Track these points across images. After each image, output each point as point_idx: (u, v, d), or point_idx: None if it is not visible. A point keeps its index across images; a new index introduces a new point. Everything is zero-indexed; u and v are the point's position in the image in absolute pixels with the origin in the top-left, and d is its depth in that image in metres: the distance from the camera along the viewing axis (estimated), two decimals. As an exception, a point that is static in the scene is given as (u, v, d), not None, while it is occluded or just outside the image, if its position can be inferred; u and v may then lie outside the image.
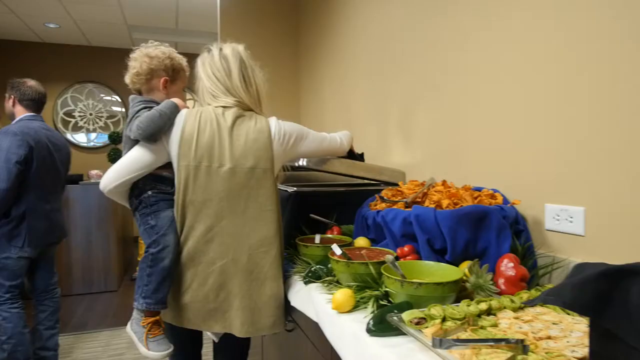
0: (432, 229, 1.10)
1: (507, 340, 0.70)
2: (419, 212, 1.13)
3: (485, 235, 1.09)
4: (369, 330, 0.90)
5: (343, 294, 1.04)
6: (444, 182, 1.33)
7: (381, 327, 0.90)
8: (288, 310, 1.48)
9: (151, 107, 1.31)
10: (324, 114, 3.17)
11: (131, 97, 1.41)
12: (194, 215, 1.28)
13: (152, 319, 1.28)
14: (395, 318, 0.88)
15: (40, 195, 2.34)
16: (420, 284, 0.93)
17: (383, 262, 1.10)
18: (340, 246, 1.20)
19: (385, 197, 1.38)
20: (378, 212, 1.29)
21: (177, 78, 1.44)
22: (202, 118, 1.30)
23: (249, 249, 1.30)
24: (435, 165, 1.72)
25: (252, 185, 1.29)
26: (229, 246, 1.29)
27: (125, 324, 3.25)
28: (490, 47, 1.38)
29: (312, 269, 1.28)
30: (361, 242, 1.37)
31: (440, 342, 0.72)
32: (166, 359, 1.32)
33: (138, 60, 1.38)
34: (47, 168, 2.37)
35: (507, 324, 0.84)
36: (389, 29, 2.10)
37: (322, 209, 1.63)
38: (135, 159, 1.30)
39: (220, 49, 1.38)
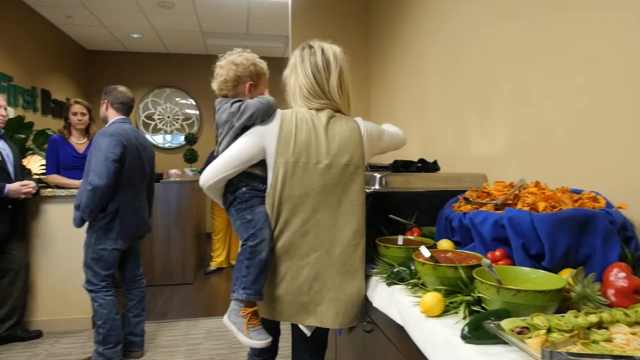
0: (528, 233, 1.04)
1: (632, 359, 0.64)
2: (512, 215, 1.07)
3: (589, 242, 1.01)
4: (463, 337, 0.86)
5: (432, 298, 1.01)
6: (537, 184, 1.25)
7: (477, 334, 0.86)
8: (366, 310, 1.48)
9: (242, 101, 1.38)
10: (395, 112, 3.13)
11: (219, 100, 1.47)
12: (291, 209, 1.33)
13: (251, 309, 1.33)
14: (492, 325, 0.84)
15: (131, 192, 2.52)
16: (518, 291, 0.88)
17: (473, 266, 1.06)
18: (423, 248, 1.17)
19: (470, 199, 1.33)
20: (465, 214, 1.24)
21: (260, 82, 1.50)
22: (298, 117, 1.36)
23: (341, 242, 1.34)
24: (521, 164, 1.63)
25: (345, 180, 1.34)
26: (323, 239, 1.33)
27: (201, 316, 3.43)
28: (591, 32, 1.27)
29: (395, 270, 1.26)
30: (445, 244, 1.32)
31: (551, 354, 0.68)
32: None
33: (225, 68, 1.44)
34: (137, 167, 2.55)
35: (624, 339, 0.77)
36: (466, 26, 2.02)
37: (400, 209, 1.60)
38: (233, 157, 1.35)
39: (322, 50, 1.41)
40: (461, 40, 2.09)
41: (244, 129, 1.37)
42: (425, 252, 1.12)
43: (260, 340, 1.30)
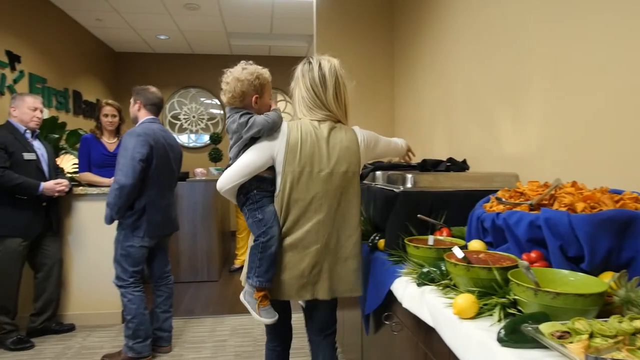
0: (566, 235, 1.01)
1: (684, 366, 0.61)
2: (549, 216, 1.04)
3: (632, 244, 0.97)
4: (500, 340, 0.84)
5: (466, 299, 0.99)
6: (574, 183, 1.21)
7: (514, 337, 0.84)
8: (394, 311, 1.47)
9: (252, 114, 1.53)
10: (421, 110, 3.09)
11: (229, 109, 1.61)
12: (297, 210, 1.53)
13: (262, 293, 1.54)
14: (531, 329, 0.81)
15: (158, 190, 2.56)
16: (558, 294, 0.86)
17: (507, 268, 1.04)
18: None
19: (503, 199, 1.30)
20: (498, 214, 1.21)
21: (264, 92, 1.61)
22: (303, 130, 1.53)
23: (338, 235, 1.56)
24: (555, 163, 1.58)
25: (344, 185, 1.55)
26: (323, 234, 1.54)
27: (226, 313, 3.48)
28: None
29: (425, 270, 1.25)
30: (476, 245, 1.30)
31: (596, 360, 0.65)
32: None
33: (231, 84, 1.56)
34: (164, 166, 2.58)
35: (673, 346, 0.74)
36: (496, 21, 1.98)
37: (428, 209, 1.58)
38: (246, 165, 1.52)
39: (319, 64, 1.57)
40: (491, 36, 2.05)
41: (252, 139, 1.54)
42: (458, 252, 1.10)
43: (269, 318, 1.53)
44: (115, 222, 2.51)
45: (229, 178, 1.54)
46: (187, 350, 2.78)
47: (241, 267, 4.82)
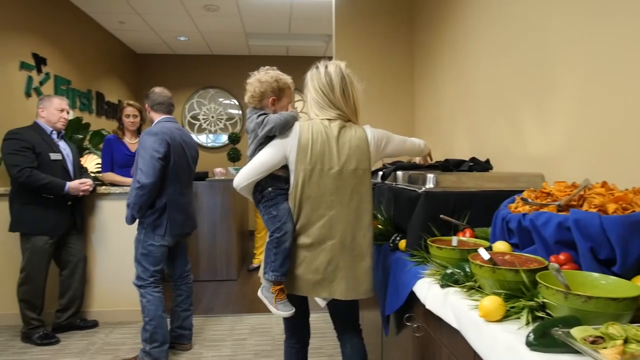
0: (597, 237, 0.98)
1: None
2: (579, 217, 1.01)
3: (667, 247, 0.93)
4: (529, 344, 0.83)
5: (492, 302, 0.98)
6: (604, 184, 1.17)
7: (544, 341, 0.82)
8: (416, 312, 1.45)
9: (267, 114, 1.62)
10: (441, 109, 3.05)
11: (249, 109, 1.71)
12: (309, 207, 1.58)
13: (279, 287, 1.59)
14: (561, 333, 0.79)
15: (177, 189, 2.56)
16: (589, 297, 0.83)
17: (535, 270, 1.02)
18: (476, 251, 1.13)
19: (529, 200, 1.27)
20: (524, 215, 1.19)
21: (283, 95, 1.70)
22: (314, 130, 1.58)
23: (352, 232, 1.59)
24: (583, 164, 1.54)
25: (355, 182, 1.59)
26: (336, 230, 1.58)
27: (245, 312, 3.50)
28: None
29: (449, 272, 1.23)
30: (501, 246, 1.27)
31: (633, 367, 0.63)
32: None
33: (252, 85, 1.67)
34: (182, 164, 2.59)
35: None
36: (520, 15, 1.94)
37: (451, 209, 1.56)
38: (261, 163, 1.59)
39: (326, 67, 1.65)
40: (515, 32, 2.01)
41: (267, 138, 1.60)
42: (484, 254, 1.09)
43: (286, 311, 1.58)
44: (136, 222, 2.54)
45: (245, 176, 1.60)
46: (207, 348, 2.81)
47: (259, 266, 4.84)
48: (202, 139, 7.09)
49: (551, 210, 1.15)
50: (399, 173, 1.97)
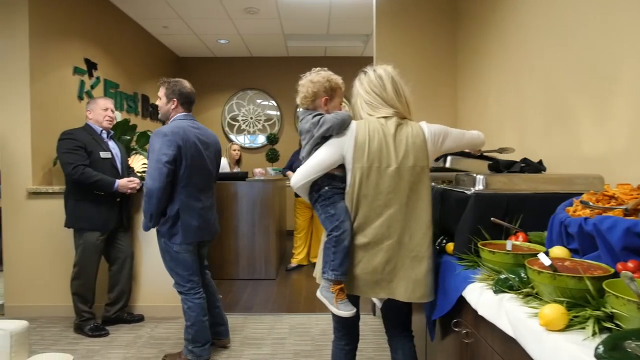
0: (672, 243, 0.91)
1: None
2: (651, 222, 0.94)
3: None
4: (598, 357, 0.78)
5: (554, 310, 0.93)
6: (676, 187, 1.09)
7: (615, 354, 0.76)
8: (464, 318, 1.40)
9: (323, 114, 1.63)
10: (487, 107, 2.95)
11: (301, 111, 1.73)
12: (367, 205, 1.57)
13: (338, 286, 1.57)
14: (635, 346, 0.74)
15: (192, 193, 2.42)
16: (666, 309, 0.77)
17: (601, 277, 0.96)
18: (532, 256, 1.08)
19: (590, 203, 1.20)
20: (586, 219, 1.12)
21: (335, 95, 1.70)
22: (370, 128, 1.58)
23: (411, 231, 1.56)
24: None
25: (413, 180, 1.56)
26: (394, 229, 1.56)
27: (284, 311, 3.53)
28: None
29: (503, 277, 1.18)
30: (559, 252, 1.21)
31: None
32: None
33: (305, 86, 1.68)
34: (196, 166, 2.42)
35: None
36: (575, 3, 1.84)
37: (502, 212, 1.50)
38: (318, 163, 1.60)
39: (374, 69, 1.67)
40: (572, 23, 1.91)
41: (323, 138, 1.60)
42: (544, 259, 1.03)
43: (347, 311, 1.55)
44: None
45: (302, 175, 1.61)
46: (247, 346, 2.85)
47: (298, 266, 4.87)
48: (240, 139, 7.22)
49: (617, 214, 1.08)
50: (449, 159, 1.86)
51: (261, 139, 7.20)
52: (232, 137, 7.18)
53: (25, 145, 3.39)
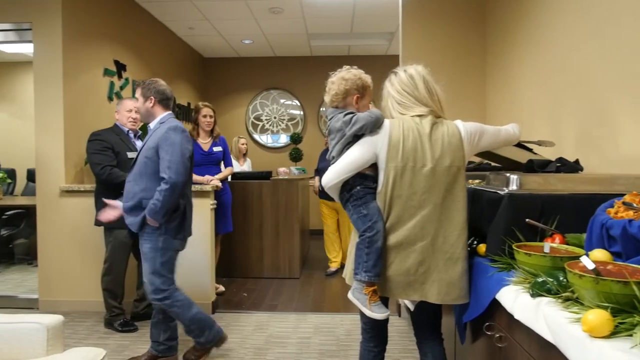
0: None
1: None
2: None
3: None
4: (649, 366, 0.74)
5: (599, 316, 0.89)
6: None
7: (667, 364, 0.73)
8: (497, 321, 1.37)
9: (355, 113, 1.59)
10: (517, 103, 2.88)
11: (331, 110, 1.68)
12: (400, 206, 1.53)
13: (372, 288, 1.54)
14: (690, 356, 0.70)
15: (189, 188, 2.48)
16: None
17: (649, 283, 0.91)
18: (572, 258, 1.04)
19: (634, 204, 1.15)
20: (630, 221, 1.07)
21: (366, 94, 1.68)
22: (405, 127, 1.54)
23: (445, 233, 1.52)
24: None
25: (448, 180, 1.52)
26: (428, 230, 1.52)
27: (309, 311, 3.52)
28: None
29: (540, 280, 1.14)
30: (600, 255, 1.16)
31: None
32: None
33: (336, 83, 1.64)
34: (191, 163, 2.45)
35: None
36: None
37: (537, 213, 1.46)
38: (351, 162, 1.56)
39: (404, 69, 1.64)
40: (608, 13, 1.84)
41: (355, 137, 1.57)
42: (588, 263, 0.99)
43: (381, 313, 1.53)
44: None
45: (334, 174, 1.58)
46: (273, 344, 2.86)
47: (337, 271, 4.61)
48: (265, 139, 7.26)
49: (664, 216, 1.03)
50: (476, 173, 1.86)
51: (283, 139, 7.23)
52: (256, 136, 7.23)
53: (59, 145, 3.50)
